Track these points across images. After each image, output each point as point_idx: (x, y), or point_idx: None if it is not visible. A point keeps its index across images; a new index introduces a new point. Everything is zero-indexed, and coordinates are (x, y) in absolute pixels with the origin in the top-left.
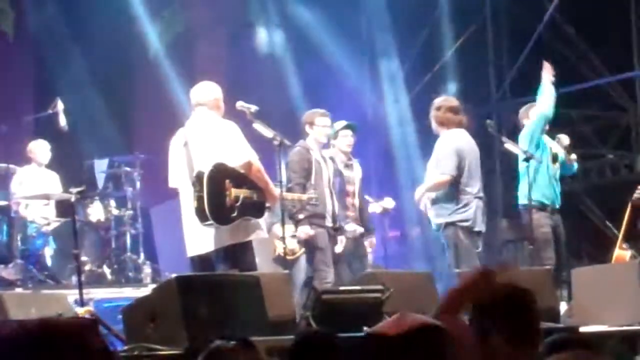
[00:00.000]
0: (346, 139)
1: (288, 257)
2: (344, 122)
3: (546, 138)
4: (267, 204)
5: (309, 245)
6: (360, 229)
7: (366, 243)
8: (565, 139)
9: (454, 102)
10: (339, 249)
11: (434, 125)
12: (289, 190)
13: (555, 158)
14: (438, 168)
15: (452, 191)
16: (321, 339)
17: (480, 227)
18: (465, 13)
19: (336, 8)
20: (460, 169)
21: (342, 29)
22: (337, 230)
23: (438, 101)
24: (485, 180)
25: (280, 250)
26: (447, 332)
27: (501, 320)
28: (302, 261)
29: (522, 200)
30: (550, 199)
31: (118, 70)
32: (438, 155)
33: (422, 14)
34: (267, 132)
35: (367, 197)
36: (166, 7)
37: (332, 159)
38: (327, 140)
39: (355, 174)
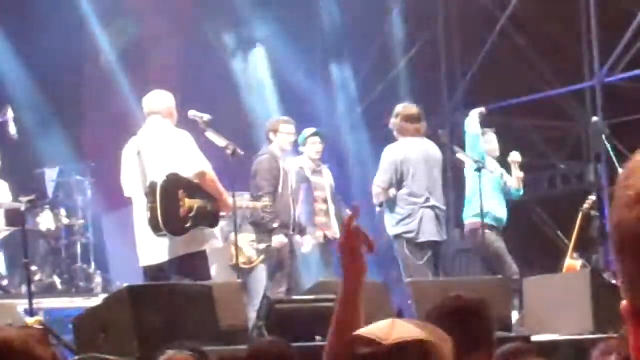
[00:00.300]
0: (315, 146)
1: (245, 266)
2: (312, 130)
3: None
4: (222, 213)
5: (273, 254)
6: (335, 235)
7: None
8: (517, 156)
9: (413, 110)
10: (306, 249)
11: (394, 132)
12: (258, 199)
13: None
14: (375, 179)
15: (395, 202)
16: (276, 349)
17: (429, 237)
18: (417, 23)
19: (290, 19)
20: (395, 180)
21: (295, 39)
22: (302, 232)
23: (397, 109)
24: None
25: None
26: (438, 347)
27: (455, 330)
28: (259, 270)
29: (471, 218)
30: (499, 220)
31: (69, 78)
32: (380, 165)
33: (375, 24)
34: (220, 141)
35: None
36: (118, 15)
37: (301, 167)
38: (291, 148)
39: (324, 180)
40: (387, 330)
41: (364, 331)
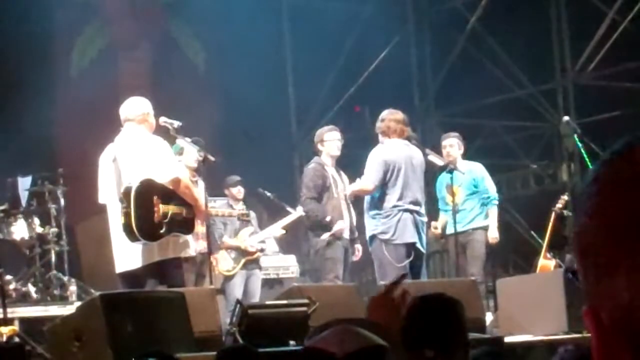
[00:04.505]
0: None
1: (227, 274)
2: (188, 139)
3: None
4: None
5: (326, 256)
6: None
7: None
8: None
9: (399, 114)
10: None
11: (379, 137)
12: (302, 204)
13: None
14: (364, 175)
15: (376, 203)
16: (243, 353)
17: (407, 239)
18: (388, 25)
19: (257, 24)
20: (385, 180)
21: (263, 45)
22: (354, 240)
23: (383, 114)
24: None
25: (219, 269)
26: (389, 351)
27: (432, 332)
28: (237, 275)
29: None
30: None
31: (40, 86)
32: (368, 163)
33: (345, 27)
34: (191, 148)
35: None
36: (88, 23)
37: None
38: (339, 152)
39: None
40: (336, 340)
41: (313, 343)
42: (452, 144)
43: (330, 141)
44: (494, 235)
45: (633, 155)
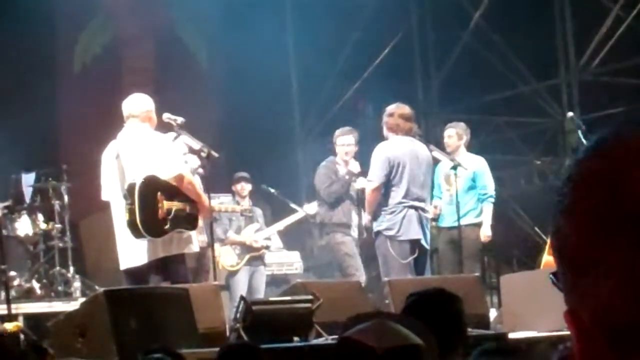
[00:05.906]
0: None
1: (231, 269)
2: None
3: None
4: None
5: (342, 251)
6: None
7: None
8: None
9: (406, 109)
10: None
11: (385, 131)
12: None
13: None
14: (369, 175)
15: (381, 199)
16: (245, 350)
17: (412, 236)
18: (391, 21)
19: (260, 19)
20: (389, 177)
21: (266, 40)
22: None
23: (391, 108)
24: None
25: (223, 264)
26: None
27: (430, 328)
28: (241, 272)
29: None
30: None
31: (44, 83)
32: (372, 161)
33: (348, 22)
34: (194, 144)
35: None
36: (92, 18)
37: None
38: (349, 158)
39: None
40: (375, 334)
41: (351, 334)
42: (450, 135)
43: (340, 146)
44: (487, 233)
45: (602, 152)
